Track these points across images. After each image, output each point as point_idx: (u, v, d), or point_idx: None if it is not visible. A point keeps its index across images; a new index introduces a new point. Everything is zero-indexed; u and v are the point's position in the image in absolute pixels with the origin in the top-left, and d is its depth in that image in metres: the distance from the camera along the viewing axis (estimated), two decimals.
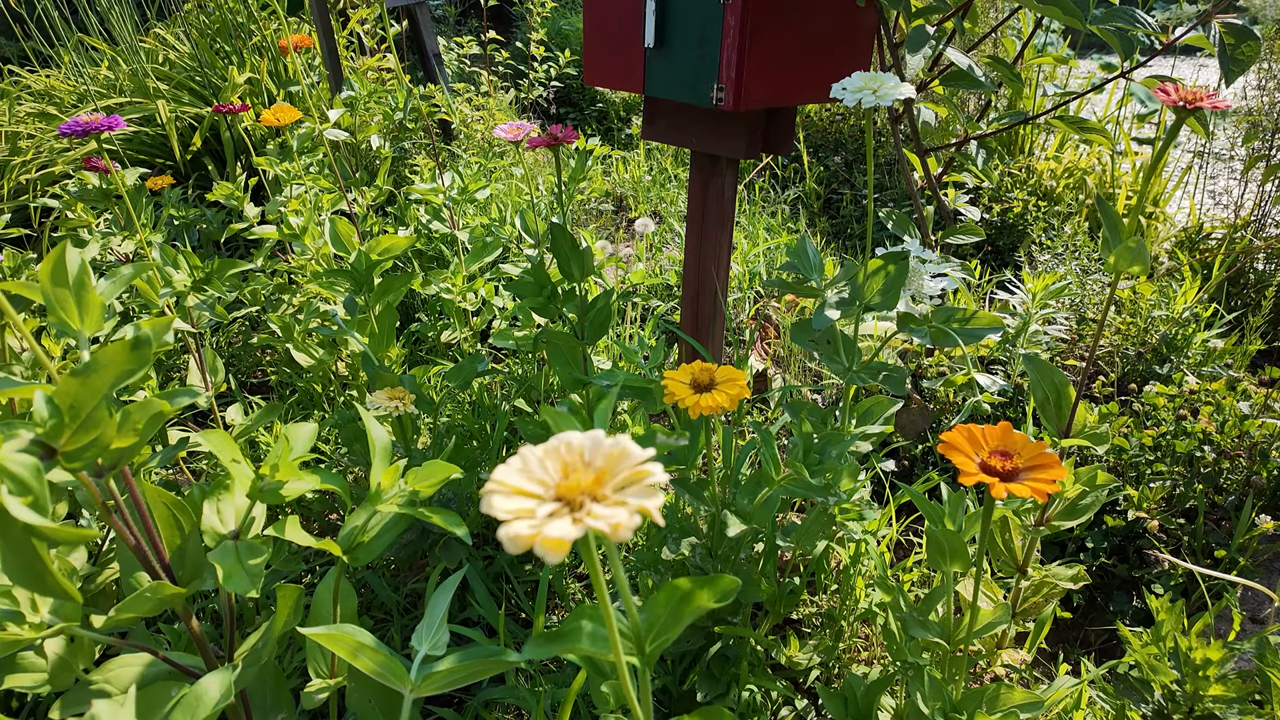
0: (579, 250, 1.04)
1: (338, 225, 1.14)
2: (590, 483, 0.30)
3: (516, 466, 0.31)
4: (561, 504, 0.30)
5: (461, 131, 2.13)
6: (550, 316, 1.05)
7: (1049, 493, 0.45)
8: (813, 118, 2.77)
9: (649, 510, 0.29)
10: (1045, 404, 0.73)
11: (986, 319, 0.82)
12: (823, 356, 0.89)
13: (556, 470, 0.31)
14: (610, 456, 0.32)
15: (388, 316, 1.09)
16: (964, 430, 0.51)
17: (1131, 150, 2.27)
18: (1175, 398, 1.14)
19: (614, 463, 0.32)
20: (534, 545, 0.27)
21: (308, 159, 1.64)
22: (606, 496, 0.30)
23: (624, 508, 0.29)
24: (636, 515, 0.28)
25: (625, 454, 0.32)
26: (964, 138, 1.04)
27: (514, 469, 0.31)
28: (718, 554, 0.77)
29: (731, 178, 1.14)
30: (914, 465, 1.22)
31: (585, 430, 0.42)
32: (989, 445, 0.50)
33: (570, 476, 0.31)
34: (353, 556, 0.60)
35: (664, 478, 0.31)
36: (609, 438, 0.33)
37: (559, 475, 0.31)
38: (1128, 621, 0.96)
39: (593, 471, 0.31)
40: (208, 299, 1.00)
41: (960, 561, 0.62)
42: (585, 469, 0.32)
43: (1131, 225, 0.61)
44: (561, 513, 0.29)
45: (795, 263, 0.92)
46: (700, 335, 1.24)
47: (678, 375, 0.65)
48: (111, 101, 2.36)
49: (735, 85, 0.95)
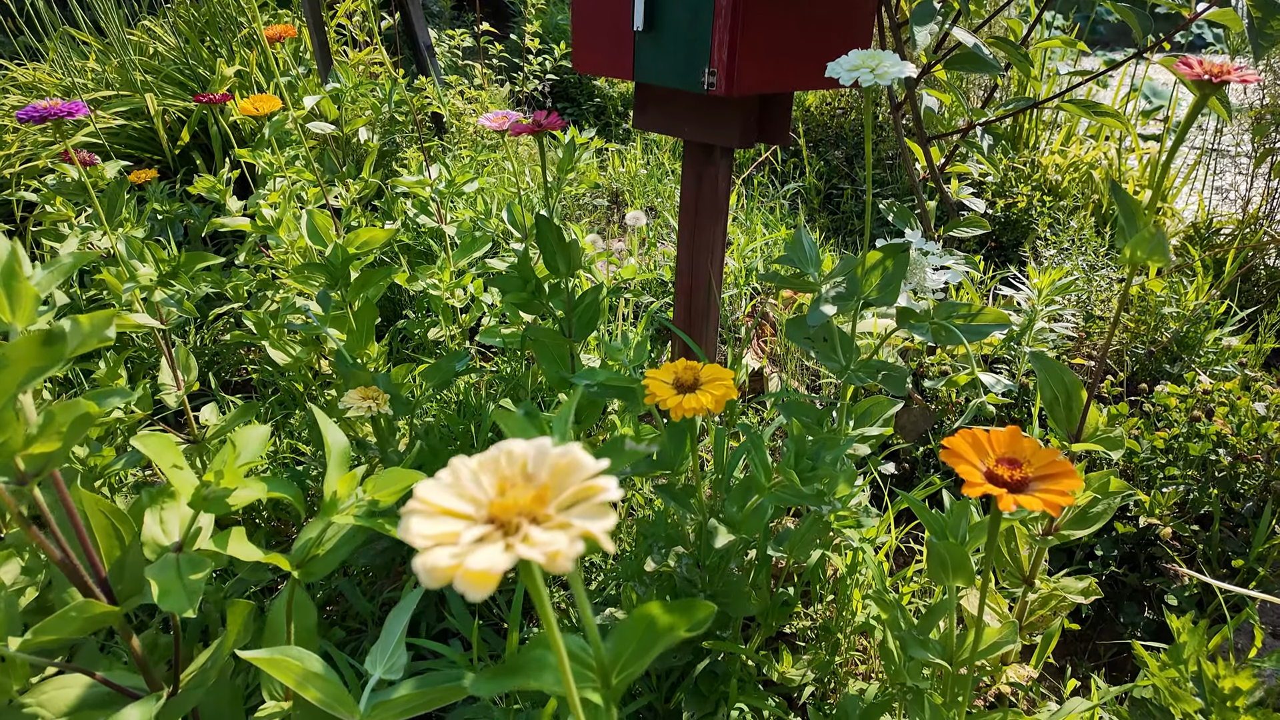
0: (565, 244, 0.99)
1: (315, 218, 1.10)
2: (530, 500, 0.26)
3: (445, 482, 0.27)
4: (494, 526, 0.25)
5: (453, 125, 2.09)
6: (535, 313, 1.01)
7: (1062, 505, 0.41)
8: (813, 112, 2.72)
9: (596, 535, 0.24)
10: (1054, 405, 0.68)
11: (992, 315, 0.78)
12: (819, 355, 0.85)
13: (493, 486, 0.27)
14: (557, 469, 0.27)
15: (367, 312, 1.05)
16: (968, 435, 0.46)
17: (1139, 145, 2.22)
18: (1188, 398, 1.09)
19: (561, 476, 0.27)
20: (454, 579, 0.23)
21: (291, 151, 1.60)
22: (549, 517, 0.26)
23: (566, 532, 0.24)
24: (579, 542, 0.24)
25: (574, 466, 0.27)
26: (969, 125, 1.00)
27: (442, 485, 0.27)
28: (706, 564, 0.72)
29: (725, 169, 1.10)
30: (915, 468, 1.17)
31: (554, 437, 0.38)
32: (996, 452, 0.45)
33: (507, 494, 0.26)
34: (306, 571, 0.55)
35: (617, 494, 0.26)
36: (558, 446, 0.28)
37: (495, 492, 0.27)
38: (1139, 634, 0.92)
39: (534, 487, 0.27)
40: (175, 294, 0.95)
41: (963, 576, 0.57)
42: (526, 484, 0.27)
43: (1149, 218, 0.56)
44: (493, 537, 0.25)
45: (791, 256, 0.87)
46: (693, 332, 1.20)
47: (660, 374, 0.60)
48: (99, 94, 2.32)
49: (727, 69, 0.90)
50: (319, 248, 1.06)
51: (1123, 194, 0.59)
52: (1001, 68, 0.91)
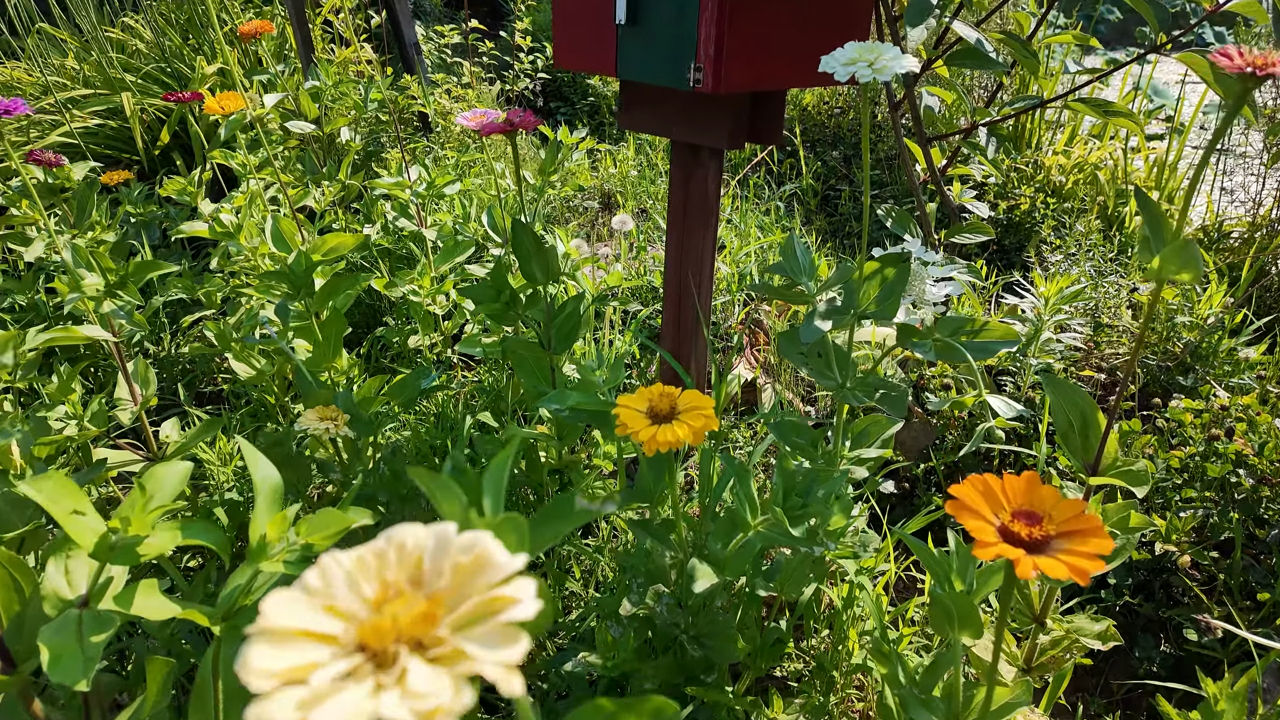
0: (543, 249, 0.93)
1: (280, 223, 1.04)
2: (416, 618, 0.19)
3: (311, 587, 0.21)
4: (365, 657, 0.19)
5: (439, 124, 2.02)
6: (510, 325, 0.95)
7: (1091, 572, 0.35)
8: (810, 111, 2.66)
9: (498, 674, 0.18)
10: (1069, 433, 0.62)
11: (999, 331, 0.72)
12: (812, 371, 0.79)
13: (374, 591, 0.21)
14: (459, 570, 0.21)
15: (334, 323, 0.99)
16: (979, 483, 0.40)
17: (1144, 146, 2.16)
18: (1203, 413, 1.03)
19: (464, 579, 0.21)
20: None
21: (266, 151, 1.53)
22: (439, 640, 0.19)
23: (455, 668, 0.18)
24: (467, 692, 0.18)
25: (482, 565, 0.21)
26: (971, 125, 0.93)
27: (301, 593, 0.20)
28: (688, 605, 0.66)
29: (715, 170, 1.04)
30: (914, 486, 1.11)
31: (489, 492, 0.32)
32: (1011, 502, 0.39)
33: (388, 606, 0.20)
34: (231, 625, 0.49)
35: (534, 607, 0.20)
36: (464, 535, 0.22)
37: (375, 602, 0.21)
38: (1155, 669, 0.85)
39: (427, 595, 0.21)
40: (124, 305, 0.89)
41: (971, 629, 0.51)
42: (416, 591, 0.21)
43: (1180, 225, 0.50)
44: (362, 672, 0.19)
45: (784, 264, 0.81)
46: (682, 341, 1.14)
47: (633, 401, 0.54)
48: (75, 93, 2.25)
49: (714, 64, 0.84)
50: (284, 255, 1.00)
51: (1148, 201, 0.53)
52: (1006, 65, 0.85)
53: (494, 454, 0.98)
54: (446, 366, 1.46)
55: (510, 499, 1.06)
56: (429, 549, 0.22)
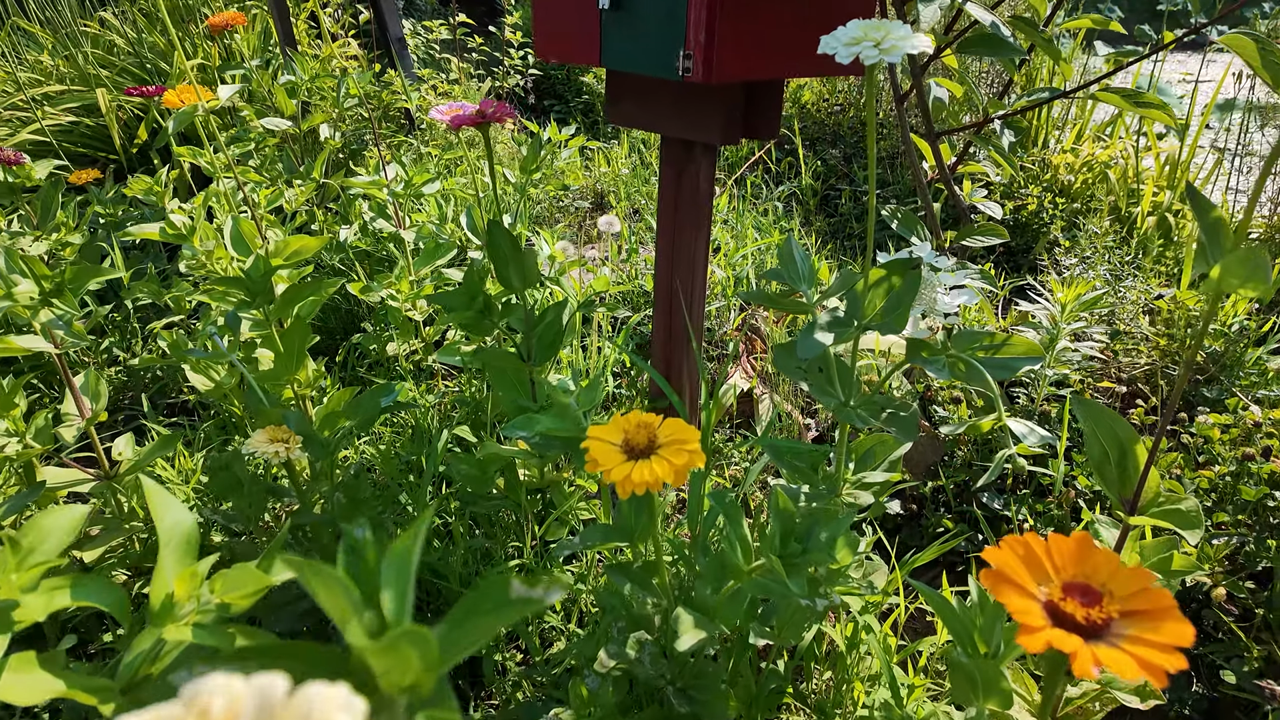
0: (520, 252, 0.86)
1: (241, 224, 0.97)
2: None
3: None
4: None
5: (424, 121, 1.95)
6: (484, 334, 0.87)
7: (1171, 671, 0.27)
8: (809, 109, 2.59)
9: None
10: (1104, 464, 0.55)
11: (1021, 346, 0.64)
12: (813, 388, 0.71)
13: None
14: None
15: (297, 331, 0.91)
16: (1017, 545, 0.33)
17: (1155, 144, 2.09)
18: (1231, 428, 0.96)
19: None
20: None
21: (238, 149, 1.46)
22: None
23: None
24: None
25: None
26: (984, 118, 0.86)
27: None
28: (673, 654, 0.59)
29: (708, 167, 0.96)
30: (922, 507, 1.04)
31: None
32: (1059, 571, 0.32)
33: None
34: (132, 699, 0.42)
35: None
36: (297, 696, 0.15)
37: None
38: (1188, 712, 0.78)
39: None
40: (63, 315, 0.82)
41: (998, 698, 0.44)
42: None
43: (1244, 228, 0.43)
44: None
45: (781, 270, 0.74)
46: (673, 350, 1.07)
47: (605, 433, 0.47)
48: (50, 89, 2.18)
49: (706, 51, 0.77)
50: (243, 259, 0.93)
51: (1203, 201, 0.45)
52: (1024, 50, 0.78)
53: (468, 475, 0.91)
54: (427, 375, 1.39)
55: (488, 522, 0.99)
56: (248, 711, 0.15)
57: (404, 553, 0.24)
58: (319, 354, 1.49)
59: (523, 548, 0.94)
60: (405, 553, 0.24)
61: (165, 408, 1.45)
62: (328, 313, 1.54)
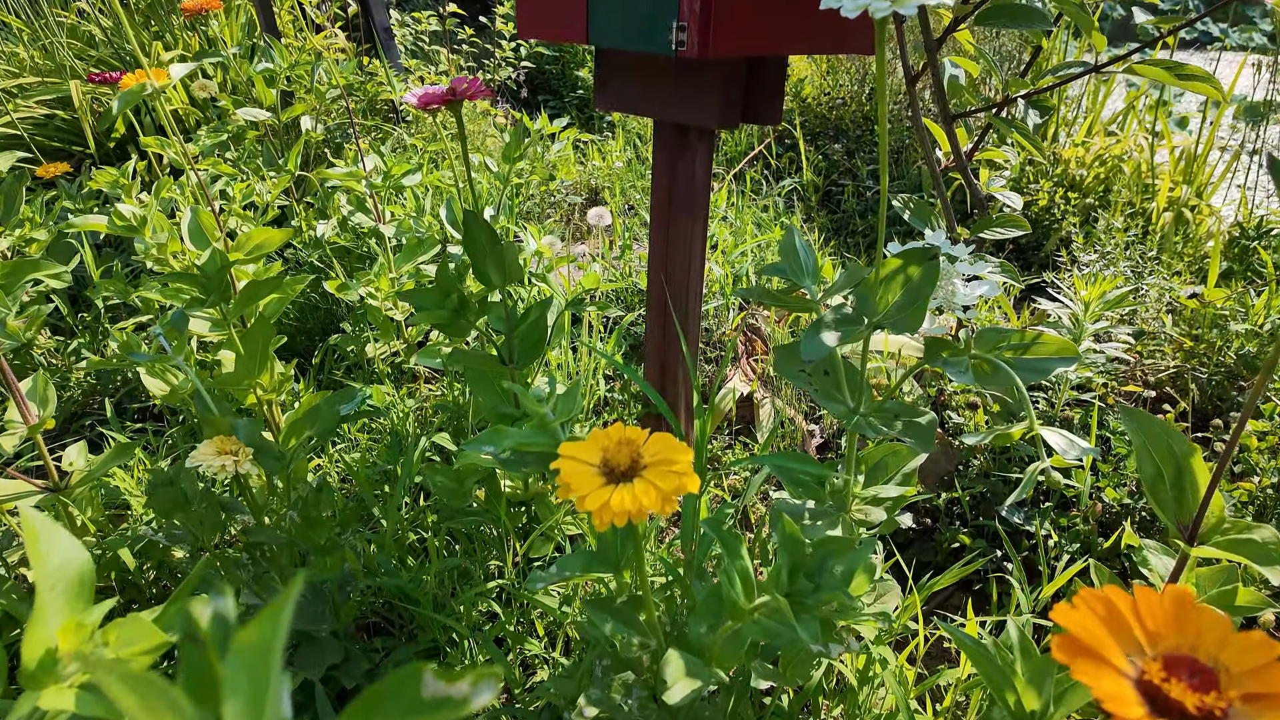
0: (499, 246, 0.78)
1: (200, 216, 0.89)
2: None
3: None
4: None
5: (410, 113, 1.88)
6: (460, 336, 0.80)
7: None
8: (810, 103, 2.52)
9: None
10: (1157, 484, 0.48)
11: (1054, 346, 0.57)
12: (818, 394, 0.64)
13: None
14: None
15: (260, 332, 0.84)
16: (1097, 603, 0.25)
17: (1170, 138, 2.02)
18: (1269, 434, 0.89)
19: None
20: None
21: (211, 139, 1.39)
22: None
23: None
24: None
25: None
26: (1005, 98, 0.79)
27: None
28: (663, 700, 0.51)
29: (704, 153, 0.89)
30: (936, 520, 0.96)
31: None
32: (1155, 640, 0.25)
33: None
34: None
35: None
36: None
37: None
38: None
39: None
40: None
41: None
42: None
43: None
44: None
45: (783, 265, 0.67)
46: (668, 352, 0.99)
47: (581, 451, 0.40)
48: (23, 81, 2.10)
49: (701, 22, 0.69)
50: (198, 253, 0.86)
51: None
52: (1052, 20, 0.70)
53: (443, 487, 0.84)
54: (409, 378, 1.31)
55: (467, 538, 0.92)
56: None
57: (259, 647, 0.17)
58: (293, 356, 1.41)
59: (504, 566, 0.87)
60: (262, 647, 0.17)
61: (134, 413, 1.38)
62: (305, 313, 1.46)
